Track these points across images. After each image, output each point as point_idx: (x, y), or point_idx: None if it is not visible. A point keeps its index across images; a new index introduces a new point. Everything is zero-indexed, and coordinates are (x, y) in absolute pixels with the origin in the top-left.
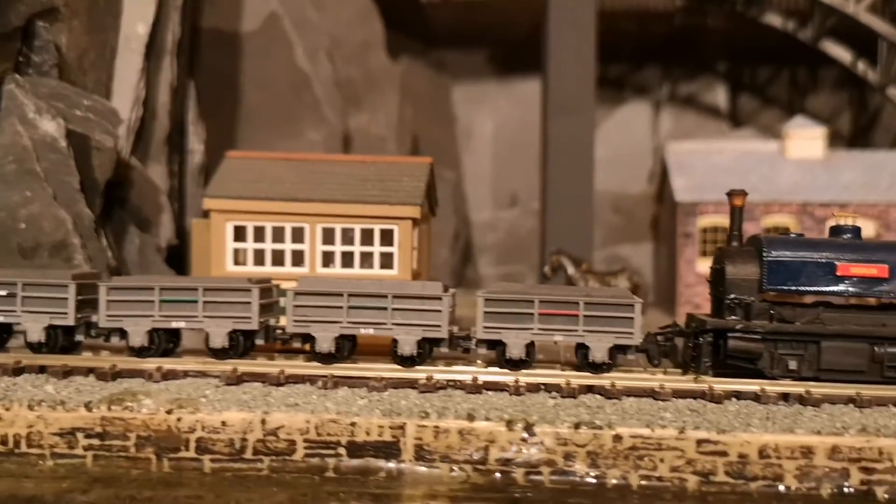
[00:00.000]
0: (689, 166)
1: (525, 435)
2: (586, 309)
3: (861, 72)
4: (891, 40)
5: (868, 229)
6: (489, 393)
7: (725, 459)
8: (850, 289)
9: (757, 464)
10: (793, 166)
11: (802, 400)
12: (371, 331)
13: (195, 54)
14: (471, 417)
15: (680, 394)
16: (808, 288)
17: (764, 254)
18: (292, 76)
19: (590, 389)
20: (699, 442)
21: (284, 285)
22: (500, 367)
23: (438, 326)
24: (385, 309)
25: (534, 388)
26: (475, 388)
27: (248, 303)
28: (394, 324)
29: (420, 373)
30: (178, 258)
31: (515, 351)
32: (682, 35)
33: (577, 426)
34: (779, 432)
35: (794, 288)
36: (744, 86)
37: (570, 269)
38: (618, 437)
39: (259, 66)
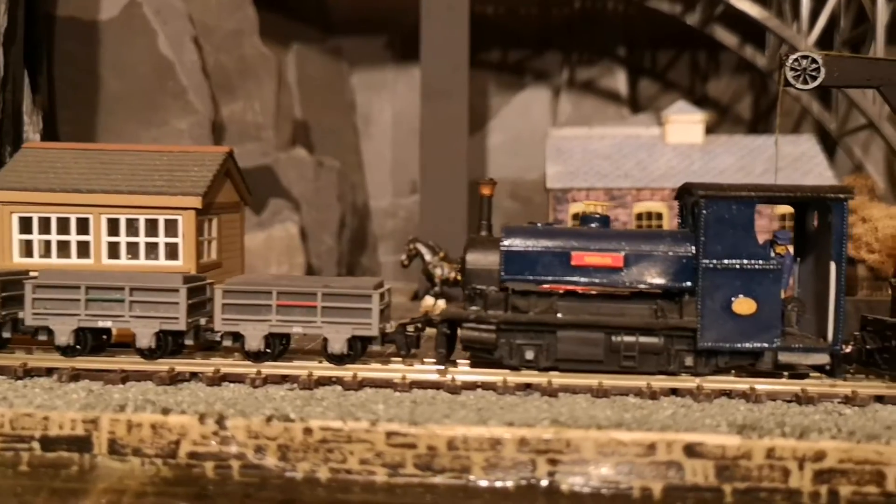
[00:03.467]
0: (567, 153)
1: (216, 428)
2: (324, 300)
3: (749, 56)
4: (764, 25)
5: None
6: (230, 385)
7: (414, 452)
8: (584, 279)
9: (446, 456)
10: (671, 152)
11: (543, 390)
12: (109, 323)
13: (47, 43)
14: (165, 411)
15: (420, 385)
16: (544, 277)
17: (502, 243)
18: (155, 64)
19: (337, 381)
20: (389, 434)
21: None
22: (247, 359)
23: (176, 318)
24: (123, 301)
25: (277, 381)
26: (214, 380)
27: None
28: (132, 316)
29: (162, 365)
30: None
31: (253, 343)
32: (583, 20)
33: (268, 419)
34: (471, 424)
35: (531, 277)
36: (644, 71)
37: (428, 257)
38: (308, 430)
39: (119, 55)
